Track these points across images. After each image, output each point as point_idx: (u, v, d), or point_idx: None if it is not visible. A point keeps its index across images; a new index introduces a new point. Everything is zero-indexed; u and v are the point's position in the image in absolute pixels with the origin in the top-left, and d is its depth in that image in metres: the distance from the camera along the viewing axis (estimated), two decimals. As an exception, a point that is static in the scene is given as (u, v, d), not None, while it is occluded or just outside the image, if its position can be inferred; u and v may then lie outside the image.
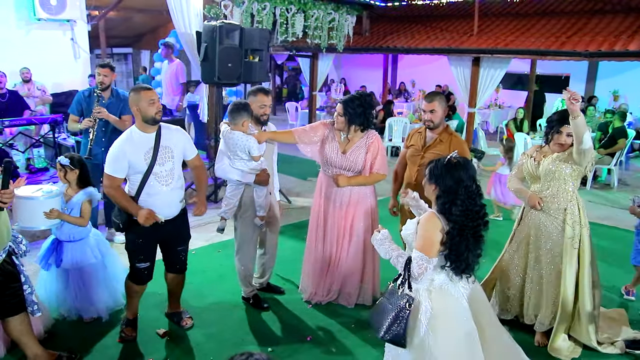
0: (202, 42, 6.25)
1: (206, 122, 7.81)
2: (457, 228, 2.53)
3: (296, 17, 8.58)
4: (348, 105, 3.78)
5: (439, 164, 2.65)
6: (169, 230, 3.53)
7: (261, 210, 3.94)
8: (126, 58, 17.51)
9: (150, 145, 3.36)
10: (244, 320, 4.05)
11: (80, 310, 3.90)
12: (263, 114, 3.93)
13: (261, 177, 3.83)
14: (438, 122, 3.81)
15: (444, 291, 2.64)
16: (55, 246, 3.80)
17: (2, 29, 8.41)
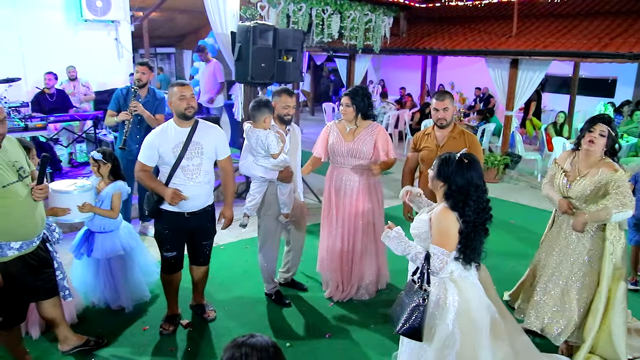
0: (236, 42, 6.37)
1: (240, 121, 7.94)
2: (471, 226, 2.64)
3: (332, 18, 8.63)
4: (355, 96, 4.11)
5: (450, 162, 2.70)
6: (195, 223, 3.66)
7: (285, 207, 4.00)
8: (169, 58, 18.00)
9: (182, 140, 3.50)
10: (265, 315, 4.13)
11: (108, 299, 4.08)
12: (286, 114, 4.02)
13: (284, 174, 3.90)
14: (449, 120, 3.87)
15: (464, 278, 2.75)
16: (87, 237, 3.99)
17: (51, 30, 8.82)
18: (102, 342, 3.62)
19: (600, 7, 8.92)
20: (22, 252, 3.00)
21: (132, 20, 10.04)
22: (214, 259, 5.05)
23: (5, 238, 2.91)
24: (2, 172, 2.85)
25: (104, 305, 4.09)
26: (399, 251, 2.76)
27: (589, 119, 3.47)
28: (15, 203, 2.91)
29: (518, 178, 8.89)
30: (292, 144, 4.10)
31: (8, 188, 2.85)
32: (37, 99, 7.40)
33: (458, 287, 2.70)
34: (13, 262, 2.97)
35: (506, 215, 6.56)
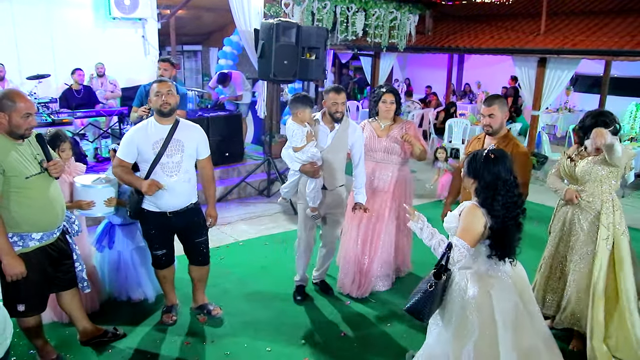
0: (259, 40, 6.39)
1: (263, 118, 7.98)
2: (500, 221, 2.64)
3: (357, 16, 8.59)
4: (397, 93, 4.38)
5: (477, 159, 2.72)
6: (180, 222, 3.66)
7: (310, 201, 3.98)
8: (195, 55, 18.17)
9: (162, 137, 3.50)
10: (281, 312, 4.12)
11: (129, 291, 4.13)
12: (335, 112, 3.94)
13: (305, 168, 3.90)
14: (497, 127, 3.61)
15: (492, 275, 2.74)
16: (108, 229, 4.06)
17: (81, 27, 9.01)
18: (119, 334, 3.67)
19: (633, 4, 8.65)
20: (42, 243, 3.06)
21: (159, 18, 10.17)
22: (232, 254, 5.17)
23: (27, 229, 2.97)
24: (26, 164, 2.93)
25: (125, 297, 4.15)
26: (424, 237, 2.83)
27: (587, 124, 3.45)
28: (37, 194, 2.98)
29: (544, 179, 8.69)
30: (336, 142, 4.00)
31: (31, 179, 2.92)
32: (64, 95, 7.57)
33: (483, 282, 2.70)
34: (34, 253, 3.03)
35: (530, 217, 6.41)
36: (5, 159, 2.84)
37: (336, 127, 3.99)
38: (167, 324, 3.86)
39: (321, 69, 6.92)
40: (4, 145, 2.87)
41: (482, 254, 2.73)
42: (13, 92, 2.93)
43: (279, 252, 5.28)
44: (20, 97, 2.88)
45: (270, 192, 7.31)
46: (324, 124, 4.00)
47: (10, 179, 2.85)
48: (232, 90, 8.61)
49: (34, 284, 3.06)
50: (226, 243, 5.52)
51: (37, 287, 3.09)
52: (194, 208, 3.72)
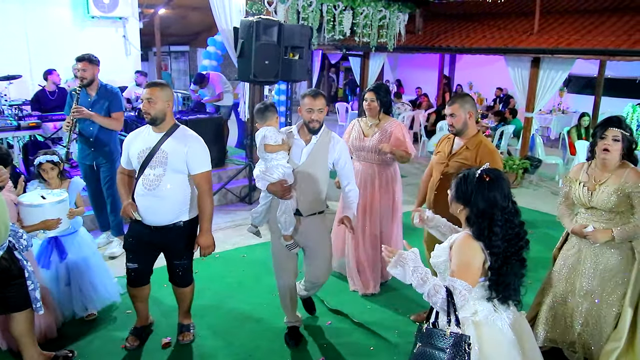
0: (238, 38, 6.07)
1: (246, 121, 7.65)
2: (502, 258, 2.22)
3: (344, 15, 8.27)
4: (379, 90, 4.18)
5: (468, 181, 2.29)
6: (160, 239, 3.31)
7: (282, 228, 3.38)
8: (183, 56, 17.84)
9: (150, 146, 3.18)
10: (256, 333, 3.80)
11: (85, 305, 3.87)
12: (310, 120, 3.29)
13: (272, 187, 3.27)
14: (460, 126, 3.42)
15: (490, 324, 2.30)
16: (53, 243, 3.72)
17: (58, 26, 8.67)
18: (70, 356, 3.35)
19: (629, 2, 8.40)
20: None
21: (141, 17, 9.85)
22: (207, 268, 4.84)
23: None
24: None
25: (77, 315, 3.86)
26: (413, 282, 2.19)
27: (599, 124, 3.16)
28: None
29: (538, 183, 8.45)
30: (313, 158, 3.37)
31: None
32: (37, 97, 7.21)
33: (479, 333, 2.26)
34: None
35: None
36: None
37: (313, 140, 3.36)
38: (127, 347, 3.52)
39: (305, 69, 6.60)
40: None
41: (476, 292, 2.29)
42: None
43: (257, 265, 4.96)
44: None
45: (251, 198, 6.98)
46: (300, 137, 3.40)
47: None
48: (212, 91, 8.28)
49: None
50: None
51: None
52: (180, 228, 3.29)
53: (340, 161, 3.42)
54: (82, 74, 4.70)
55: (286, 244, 3.43)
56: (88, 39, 8.90)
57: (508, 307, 2.33)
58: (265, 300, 4.26)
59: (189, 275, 3.54)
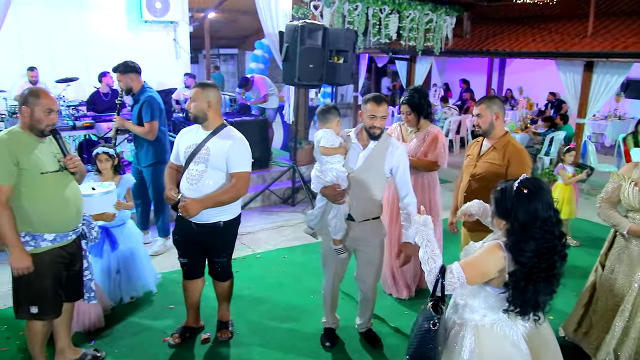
0: (284, 42, 6.16)
1: (291, 123, 7.74)
2: (525, 272, 2.15)
3: (390, 18, 8.27)
4: (412, 101, 4.09)
5: (507, 196, 2.22)
6: (202, 237, 3.40)
7: (332, 232, 3.34)
8: (232, 58, 18.20)
9: (196, 142, 3.30)
10: (293, 333, 3.84)
11: (129, 292, 4.13)
12: (372, 126, 3.20)
13: (325, 191, 3.28)
14: (486, 127, 3.36)
15: (495, 331, 2.27)
16: (105, 234, 3.90)
17: (113, 31, 9.03)
18: (99, 356, 3.45)
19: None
20: (55, 244, 2.94)
21: (191, 21, 10.12)
22: (248, 267, 4.93)
23: (40, 229, 2.87)
24: (43, 160, 2.87)
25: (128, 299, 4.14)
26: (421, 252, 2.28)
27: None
28: (51, 193, 2.89)
29: (590, 192, 8.14)
30: (369, 164, 3.27)
31: (46, 176, 2.86)
32: (92, 98, 7.54)
33: (479, 336, 2.26)
34: (47, 255, 2.91)
35: (573, 235, 5.93)
36: (22, 151, 2.81)
37: (370, 145, 3.27)
38: (169, 343, 3.63)
39: (349, 72, 6.64)
40: (23, 140, 2.85)
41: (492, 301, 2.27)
42: (37, 89, 2.94)
43: (297, 267, 5.01)
44: (43, 93, 2.91)
45: (294, 201, 7.06)
46: (358, 141, 3.31)
47: (24, 174, 2.79)
48: (257, 94, 8.42)
49: (47, 287, 2.93)
50: (243, 255, 5.28)
51: (50, 291, 2.94)
52: (219, 228, 3.35)
53: (399, 169, 3.28)
54: (119, 84, 4.91)
55: (335, 248, 3.38)
56: (140, 42, 9.23)
57: (527, 320, 2.26)
58: (304, 301, 4.30)
59: (228, 271, 3.64)
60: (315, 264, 4.99)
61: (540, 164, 8.73)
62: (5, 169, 2.74)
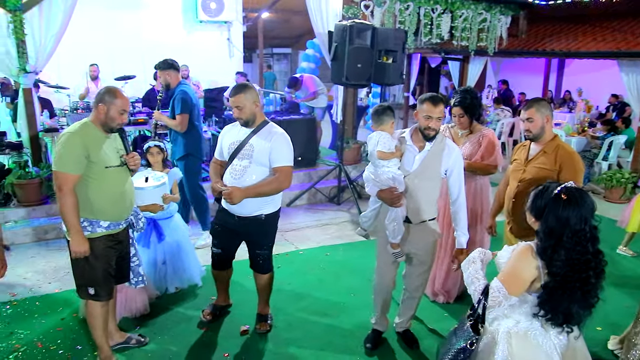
0: (332, 42, 6.20)
1: (339, 122, 7.77)
2: (559, 281, 2.11)
3: (442, 18, 8.16)
4: (465, 103, 3.92)
5: (545, 196, 2.20)
6: (243, 229, 3.53)
7: (390, 235, 3.30)
8: (285, 58, 18.42)
9: (240, 139, 3.41)
10: (330, 329, 3.87)
11: (174, 282, 4.27)
12: (427, 127, 3.14)
13: (383, 194, 3.22)
14: (537, 131, 3.24)
15: (529, 339, 2.24)
16: (152, 226, 4.07)
17: (170, 30, 9.35)
18: (143, 341, 3.61)
19: None
20: (108, 231, 3.12)
21: (245, 21, 10.33)
22: (290, 263, 5.01)
23: (97, 216, 3.05)
24: (109, 155, 3.06)
25: (173, 289, 4.28)
26: (466, 275, 2.38)
27: None
28: (112, 185, 3.08)
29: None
30: (425, 166, 3.23)
31: (110, 170, 3.05)
32: (147, 95, 7.83)
33: (511, 344, 2.22)
34: (100, 240, 3.09)
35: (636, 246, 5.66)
36: (93, 145, 2.98)
37: (427, 147, 3.22)
38: (202, 318, 3.91)
39: (399, 73, 6.58)
40: (95, 134, 3.03)
41: (527, 307, 2.24)
42: (115, 89, 3.10)
43: (339, 265, 5.04)
44: (120, 94, 3.06)
45: (340, 199, 7.09)
46: (413, 143, 3.26)
47: (92, 166, 2.97)
48: (306, 93, 8.49)
49: (100, 270, 3.11)
50: (286, 250, 5.36)
51: (103, 274, 3.13)
52: (260, 220, 3.47)
53: (454, 172, 3.25)
54: (160, 80, 5.13)
55: (393, 252, 3.35)
56: (195, 41, 9.51)
57: (561, 331, 2.21)
58: (343, 299, 4.32)
59: (269, 264, 3.72)
60: (356, 262, 5.03)
61: (597, 168, 8.38)
62: (76, 160, 2.92)
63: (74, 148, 2.92)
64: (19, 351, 3.51)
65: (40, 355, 3.47)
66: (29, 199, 5.58)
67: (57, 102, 7.80)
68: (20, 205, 5.60)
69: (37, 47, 5.60)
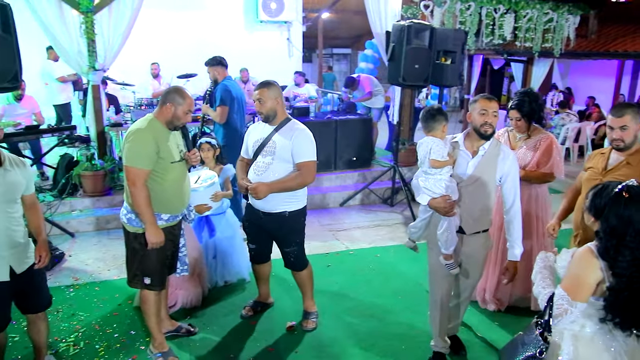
0: (390, 42, 6.15)
1: (396, 124, 7.70)
2: (624, 282, 2.03)
3: (505, 18, 7.92)
4: (522, 107, 3.77)
5: (604, 194, 2.14)
6: (269, 226, 3.59)
7: (442, 246, 3.13)
8: (345, 58, 18.44)
9: (263, 137, 3.48)
10: (375, 331, 3.85)
11: (226, 276, 4.38)
12: (483, 124, 2.98)
13: (435, 202, 3.03)
14: (630, 141, 2.94)
15: (596, 343, 2.16)
16: (204, 221, 4.20)
17: (231, 30, 9.59)
18: (193, 331, 3.72)
19: None
20: (167, 224, 3.25)
21: (304, 21, 10.44)
22: (339, 263, 5.02)
23: (160, 209, 3.18)
24: (173, 151, 3.18)
25: (222, 283, 4.39)
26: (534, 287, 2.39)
27: None
28: (174, 180, 3.21)
29: None
30: (480, 172, 3.05)
31: (173, 165, 3.18)
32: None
33: (577, 347, 2.15)
34: None
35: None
36: (161, 140, 3.10)
37: (480, 153, 3.05)
38: (242, 315, 3.97)
39: (457, 74, 6.45)
40: (161, 130, 3.14)
41: (592, 310, 2.16)
42: (181, 89, 3.21)
43: (388, 266, 5.00)
44: (187, 95, 3.17)
45: (393, 201, 7.03)
46: (466, 148, 3.10)
47: (160, 161, 3.10)
48: (362, 93, 8.47)
49: (159, 261, 3.23)
50: (337, 250, 5.38)
51: (159, 264, 3.25)
52: (284, 218, 3.52)
53: (509, 178, 3.06)
54: (209, 76, 5.46)
55: (445, 263, 3.17)
56: (255, 41, 9.71)
57: (629, 335, 2.11)
58: (390, 301, 4.29)
59: (301, 261, 3.75)
60: (406, 265, 4.98)
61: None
62: (148, 155, 3.04)
63: (146, 144, 3.03)
64: (79, 332, 3.72)
65: (97, 337, 3.66)
66: (93, 190, 5.89)
67: (122, 99, 8.17)
68: (86, 195, 5.92)
69: (106, 46, 5.88)
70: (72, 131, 6.19)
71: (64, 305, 4.08)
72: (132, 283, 3.29)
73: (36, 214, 2.99)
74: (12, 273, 2.77)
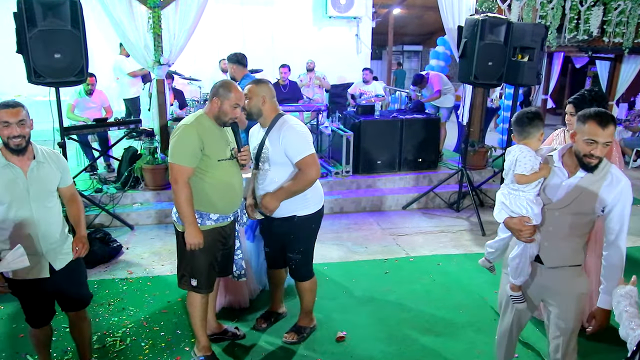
0: (462, 38, 5.79)
1: (465, 125, 7.29)
2: None
3: (592, 11, 7.29)
4: (580, 103, 3.29)
5: None
6: (277, 228, 3.41)
7: (510, 274, 2.68)
8: (416, 55, 17.95)
9: (259, 142, 3.28)
10: (429, 350, 3.54)
11: None
12: (588, 155, 2.37)
13: (512, 222, 2.58)
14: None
15: None
16: (250, 222, 4.00)
17: (300, 26, 9.49)
18: (239, 335, 3.59)
19: None
20: (217, 224, 3.13)
21: (374, 16, 10.17)
22: (398, 270, 4.76)
23: (207, 209, 3.08)
24: (221, 148, 3.06)
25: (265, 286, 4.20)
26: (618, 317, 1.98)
27: None
28: (223, 178, 3.08)
29: None
30: (574, 197, 2.46)
31: (221, 163, 3.05)
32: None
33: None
34: (209, 233, 3.09)
35: None
36: (208, 138, 2.98)
37: (579, 174, 2.44)
38: (255, 327, 3.74)
39: (535, 72, 5.98)
40: (210, 127, 3.03)
41: None
42: (229, 82, 3.09)
43: (450, 277, 4.67)
44: (234, 88, 3.03)
45: (460, 206, 6.63)
46: (562, 165, 2.52)
47: (205, 159, 2.99)
48: (431, 91, 8.10)
49: (206, 263, 3.12)
50: (396, 256, 5.11)
51: (207, 266, 3.14)
52: (293, 222, 3.34)
53: (615, 209, 2.42)
54: (232, 74, 5.41)
55: (511, 294, 2.71)
56: (323, 37, 9.56)
57: None
58: (450, 315, 3.97)
59: (305, 271, 3.51)
60: (470, 276, 4.64)
61: None
62: (192, 152, 2.93)
63: (190, 141, 2.93)
64: (127, 327, 3.70)
65: (144, 334, 3.62)
66: (155, 183, 5.95)
67: (189, 93, 8.25)
68: (147, 188, 5.99)
69: (171, 41, 5.92)
70: (137, 125, 6.28)
71: (115, 299, 4.09)
72: (180, 283, 3.20)
73: (76, 207, 2.92)
74: (52, 270, 2.73)
